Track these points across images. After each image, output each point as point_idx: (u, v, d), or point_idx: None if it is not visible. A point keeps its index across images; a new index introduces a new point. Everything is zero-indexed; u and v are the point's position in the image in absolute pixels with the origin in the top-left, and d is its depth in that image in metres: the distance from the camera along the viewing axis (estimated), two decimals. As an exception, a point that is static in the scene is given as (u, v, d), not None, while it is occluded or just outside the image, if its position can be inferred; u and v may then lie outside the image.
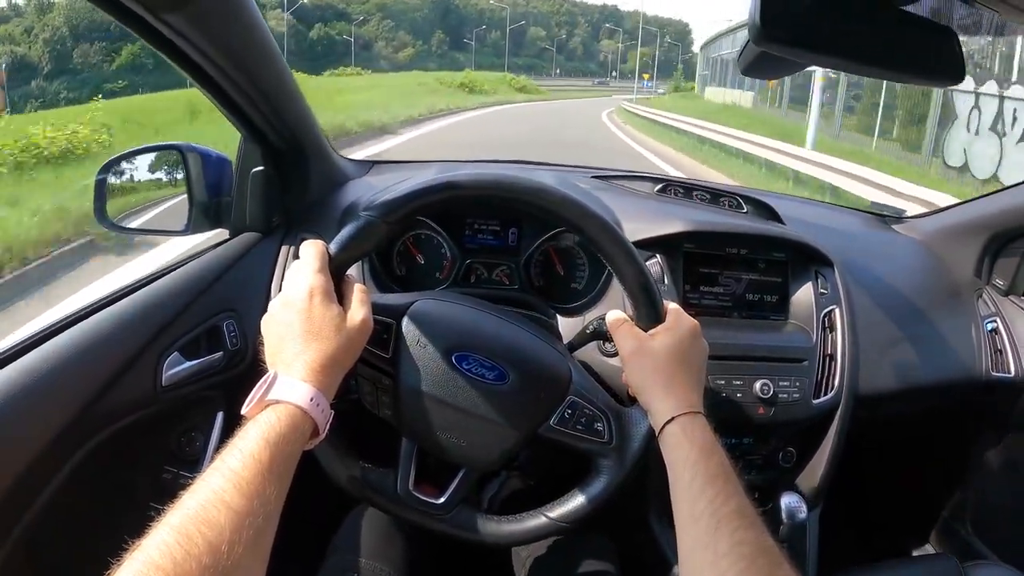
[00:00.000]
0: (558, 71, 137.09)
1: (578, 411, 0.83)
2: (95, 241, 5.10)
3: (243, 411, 0.68)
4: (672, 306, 0.86)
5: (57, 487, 0.82)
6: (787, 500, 1.04)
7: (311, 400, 0.68)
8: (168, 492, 1.02)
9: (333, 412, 0.72)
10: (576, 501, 0.85)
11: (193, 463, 1.05)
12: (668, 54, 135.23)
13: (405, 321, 0.84)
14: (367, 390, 0.86)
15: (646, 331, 0.83)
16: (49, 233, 5.16)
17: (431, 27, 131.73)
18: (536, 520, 0.86)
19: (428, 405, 0.83)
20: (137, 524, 0.55)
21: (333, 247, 0.79)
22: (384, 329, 0.83)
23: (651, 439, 0.80)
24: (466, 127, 19.51)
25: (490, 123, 21.55)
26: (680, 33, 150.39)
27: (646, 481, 0.90)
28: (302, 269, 0.76)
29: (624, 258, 0.83)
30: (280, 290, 0.78)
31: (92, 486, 0.90)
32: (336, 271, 0.78)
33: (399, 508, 0.89)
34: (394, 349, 0.83)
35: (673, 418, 0.76)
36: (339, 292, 0.77)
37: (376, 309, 0.80)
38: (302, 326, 0.72)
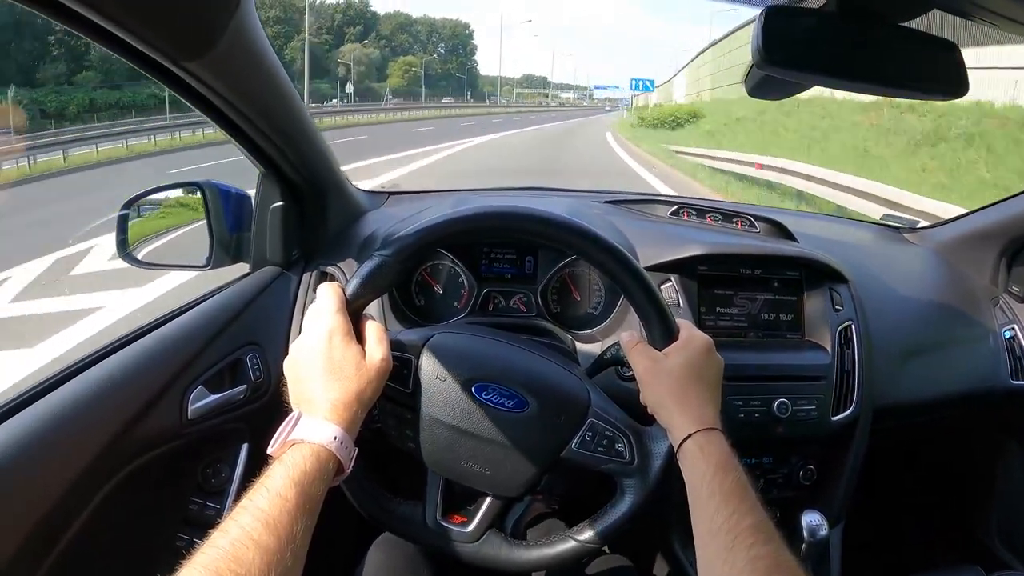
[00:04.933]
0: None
1: (599, 433, 0.84)
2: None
3: (269, 451, 0.70)
4: (684, 323, 0.87)
5: (88, 517, 0.84)
6: (808, 518, 1.03)
7: (335, 439, 0.70)
8: (194, 522, 1.03)
9: (357, 449, 0.73)
10: (604, 522, 0.86)
11: (219, 494, 1.07)
12: (445, 65, 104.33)
13: (423, 356, 0.86)
14: (391, 424, 0.87)
15: (660, 350, 0.84)
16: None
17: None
18: (565, 544, 0.87)
19: (451, 436, 0.84)
20: (165, 554, 0.57)
21: (349, 289, 0.80)
22: (403, 365, 0.84)
23: (673, 456, 0.80)
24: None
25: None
26: (459, 37, 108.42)
27: (667, 501, 0.91)
28: (320, 311, 0.78)
29: (631, 278, 0.83)
30: (301, 323, 0.80)
31: (121, 516, 0.91)
32: (353, 312, 0.79)
33: (430, 538, 0.90)
34: (414, 384, 0.85)
35: (690, 435, 0.76)
36: (357, 331, 0.79)
37: (394, 346, 0.82)
38: (323, 367, 0.74)
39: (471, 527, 0.89)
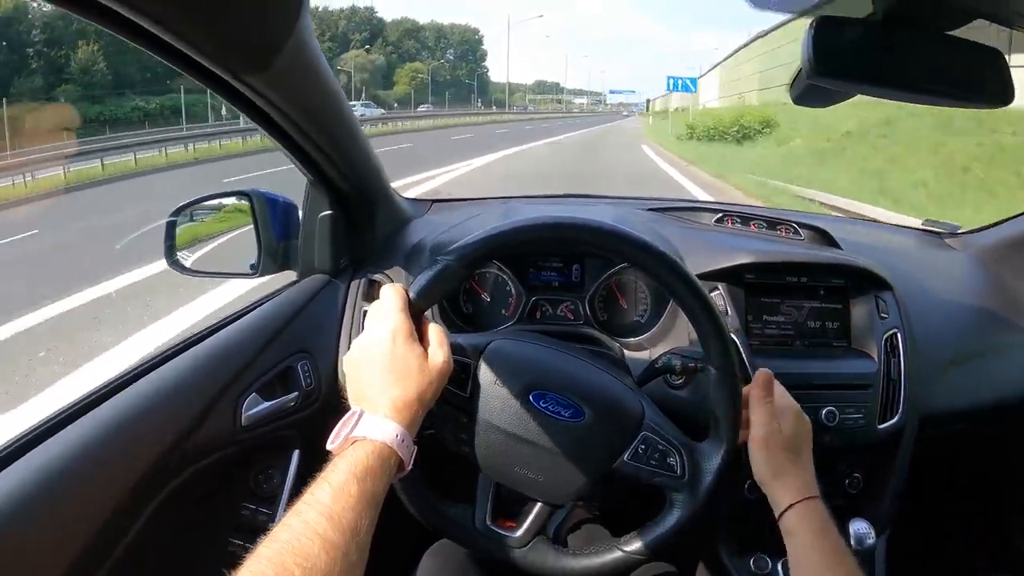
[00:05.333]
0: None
1: (651, 446, 0.85)
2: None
3: (329, 446, 0.71)
4: (779, 387, 0.90)
5: (145, 522, 0.86)
6: (856, 527, 1.03)
7: (397, 436, 0.71)
8: (247, 527, 1.05)
9: (416, 447, 0.75)
10: (651, 534, 0.87)
11: (270, 500, 1.09)
12: (455, 71, 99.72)
13: (483, 361, 0.87)
14: (447, 428, 0.88)
15: (715, 368, 0.86)
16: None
17: None
18: (612, 554, 0.88)
19: (506, 442, 0.85)
20: (218, 557, 0.57)
21: (413, 291, 0.81)
22: (462, 369, 0.85)
23: (723, 473, 0.82)
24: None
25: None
26: (468, 43, 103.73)
27: (715, 512, 0.91)
28: (384, 311, 0.79)
29: (706, 316, 0.84)
30: (352, 330, 0.81)
31: (176, 521, 0.93)
32: (416, 314, 0.80)
33: (478, 541, 0.91)
34: (472, 388, 0.86)
35: (793, 504, 0.81)
36: (419, 333, 0.80)
37: (454, 349, 0.83)
38: (386, 366, 0.75)
39: (519, 532, 0.90)
